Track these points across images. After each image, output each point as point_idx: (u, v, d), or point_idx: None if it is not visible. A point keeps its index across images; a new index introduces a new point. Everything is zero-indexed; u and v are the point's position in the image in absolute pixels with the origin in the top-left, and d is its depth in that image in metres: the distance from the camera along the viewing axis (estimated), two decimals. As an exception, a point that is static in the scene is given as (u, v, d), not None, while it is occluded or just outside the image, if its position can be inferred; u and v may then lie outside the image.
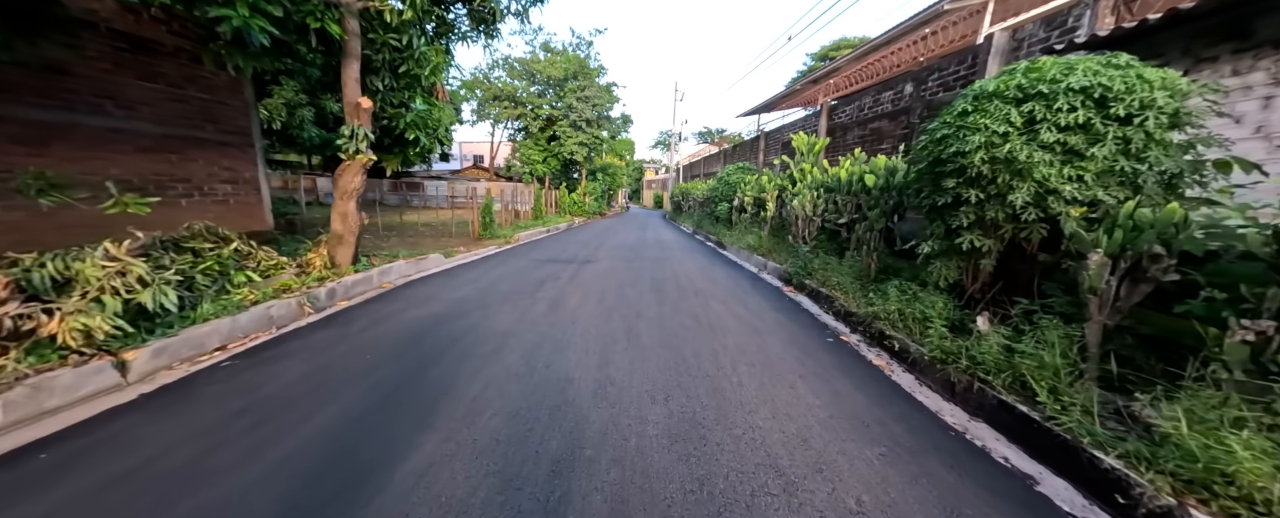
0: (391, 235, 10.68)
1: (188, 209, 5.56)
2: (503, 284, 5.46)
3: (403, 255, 6.38)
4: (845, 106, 8.71)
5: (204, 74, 5.67)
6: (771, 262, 7.11)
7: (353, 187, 4.92)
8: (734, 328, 3.95)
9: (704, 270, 7.02)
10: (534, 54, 25.69)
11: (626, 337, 3.61)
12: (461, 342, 3.38)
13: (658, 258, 8.29)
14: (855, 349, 3.58)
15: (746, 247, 8.58)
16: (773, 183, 8.57)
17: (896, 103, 6.97)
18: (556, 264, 7.17)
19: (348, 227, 4.98)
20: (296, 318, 3.90)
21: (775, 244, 7.83)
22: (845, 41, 27.36)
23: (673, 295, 5.14)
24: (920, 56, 8.02)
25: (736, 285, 5.91)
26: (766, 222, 8.37)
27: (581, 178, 25.10)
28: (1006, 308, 3.11)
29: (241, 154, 6.29)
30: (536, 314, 4.18)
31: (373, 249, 7.65)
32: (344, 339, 3.37)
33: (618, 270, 6.71)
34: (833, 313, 4.54)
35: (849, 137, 8.45)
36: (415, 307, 4.31)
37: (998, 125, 2.80)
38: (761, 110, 24.16)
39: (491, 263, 7.25)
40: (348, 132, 4.74)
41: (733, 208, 11.64)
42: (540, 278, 5.92)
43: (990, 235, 3.04)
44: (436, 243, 9.63)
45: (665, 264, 7.52)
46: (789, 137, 11.46)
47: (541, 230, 13.73)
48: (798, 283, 5.67)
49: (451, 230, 11.52)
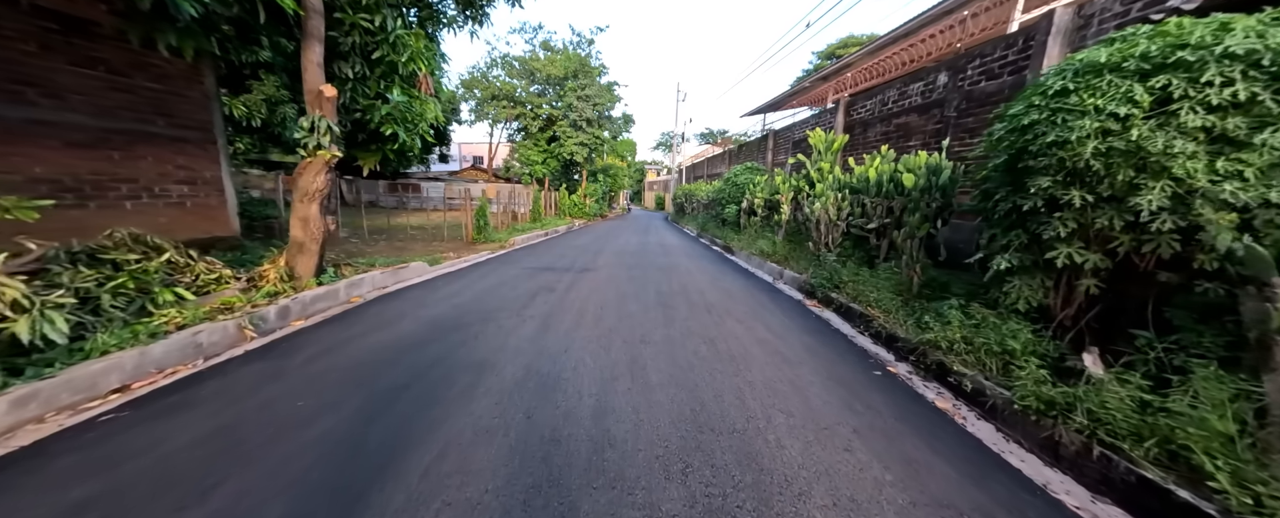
0: (379, 239, 10.06)
1: (134, 213, 4.93)
2: (489, 298, 4.81)
3: (379, 264, 5.73)
4: (865, 101, 8.05)
5: (154, 61, 5.04)
6: (788, 270, 6.44)
7: (314, 187, 4.28)
8: (759, 357, 3.29)
9: (714, 280, 6.36)
10: (533, 53, 25.11)
11: (630, 371, 2.95)
12: (425, 379, 2.72)
13: (663, 265, 7.63)
14: (909, 386, 2.92)
15: (758, 252, 7.91)
16: (787, 184, 7.91)
17: (927, 95, 6.31)
18: (552, 273, 6.52)
19: (309, 233, 4.34)
20: (233, 345, 3.25)
21: (792, 250, 7.17)
22: (852, 39, 26.72)
23: (682, 312, 4.48)
24: (958, 42, 7.36)
25: (752, 299, 5.25)
26: (781, 226, 7.71)
27: (582, 179, 24.47)
28: (1114, 341, 2.45)
29: (201, 151, 5.65)
30: (523, 338, 3.52)
31: (356, 255, 7.01)
32: (279, 377, 2.72)
33: (619, 280, 6.05)
34: (870, 335, 3.88)
35: (870, 133, 7.79)
36: (380, 329, 3.66)
37: (1116, 106, 2.14)
38: (767, 110, 23.55)
39: (481, 271, 6.60)
40: (307, 124, 4.10)
41: (741, 210, 10.98)
42: (532, 290, 5.27)
43: (1097, 248, 2.37)
44: (426, 248, 9.00)
45: (671, 272, 6.86)
46: (803, 134, 10.81)
47: (539, 234, 13.09)
48: (823, 296, 5.00)
49: (444, 234, 10.89)
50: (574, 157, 23.09)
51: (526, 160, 23.87)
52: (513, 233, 12.26)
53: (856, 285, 4.58)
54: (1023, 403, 2.28)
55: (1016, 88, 4.71)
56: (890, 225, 5.26)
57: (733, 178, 11.88)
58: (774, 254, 7.35)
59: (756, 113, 24.17)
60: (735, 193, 11.62)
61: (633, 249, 10.08)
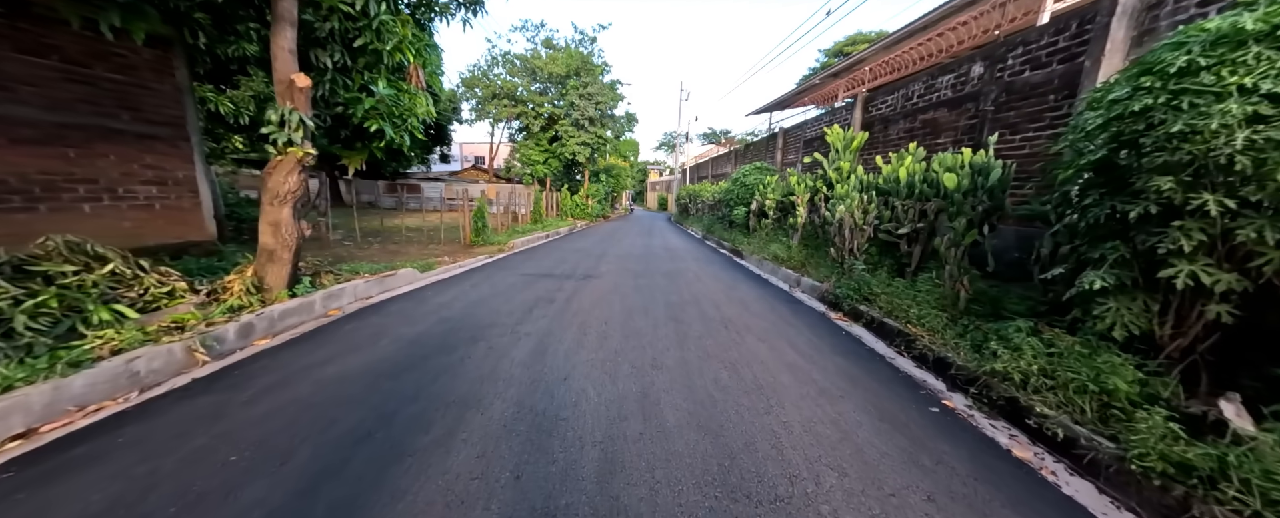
0: (372, 242, 9.63)
1: (93, 217, 4.50)
2: (480, 311, 4.35)
3: (365, 271, 5.28)
4: (885, 97, 7.56)
5: (117, 50, 4.60)
6: (806, 277, 5.96)
7: (285, 188, 3.83)
8: (790, 387, 2.82)
9: (727, 289, 5.88)
10: (535, 51, 24.70)
11: (641, 407, 2.48)
12: (395, 422, 2.26)
13: (670, 271, 7.16)
14: (974, 426, 2.44)
15: (771, 257, 7.43)
16: (803, 184, 7.43)
17: (958, 88, 5.82)
18: (552, 280, 6.06)
19: (281, 239, 3.88)
20: (180, 371, 2.80)
21: (809, 256, 6.68)
22: (861, 36, 26.20)
23: (696, 328, 4.01)
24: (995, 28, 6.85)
25: (771, 311, 4.77)
26: (796, 229, 7.23)
27: (584, 179, 24.03)
28: (1235, 378, 1.97)
29: (172, 149, 5.22)
30: (516, 363, 3.06)
31: (345, 259, 6.57)
32: (219, 416, 2.26)
33: (624, 289, 5.58)
34: (912, 357, 3.39)
35: (891, 131, 7.30)
36: (353, 351, 3.20)
37: (1274, 85, 1.66)
38: (773, 108, 23.06)
39: (475, 278, 6.14)
40: (276, 116, 3.64)
41: (751, 212, 10.51)
42: (529, 301, 4.81)
43: (1232, 266, 1.89)
44: (421, 251, 8.56)
45: (680, 279, 6.38)
46: (816, 132, 10.33)
47: (540, 235, 12.65)
48: (850, 309, 4.52)
49: (441, 236, 10.46)
50: (576, 156, 22.65)
51: (527, 160, 23.45)
52: (512, 235, 11.82)
53: (891, 298, 4.10)
54: (1143, 463, 1.79)
55: (1070, 78, 4.22)
56: (923, 231, 4.78)
57: (741, 178, 11.41)
58: (789, 260, 6.87)
59: (762, 111, 23.69)
60: (744, 194, 11.14)
61: (637, 253, 9.62)
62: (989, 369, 2.64)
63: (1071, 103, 4.19)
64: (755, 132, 31.51)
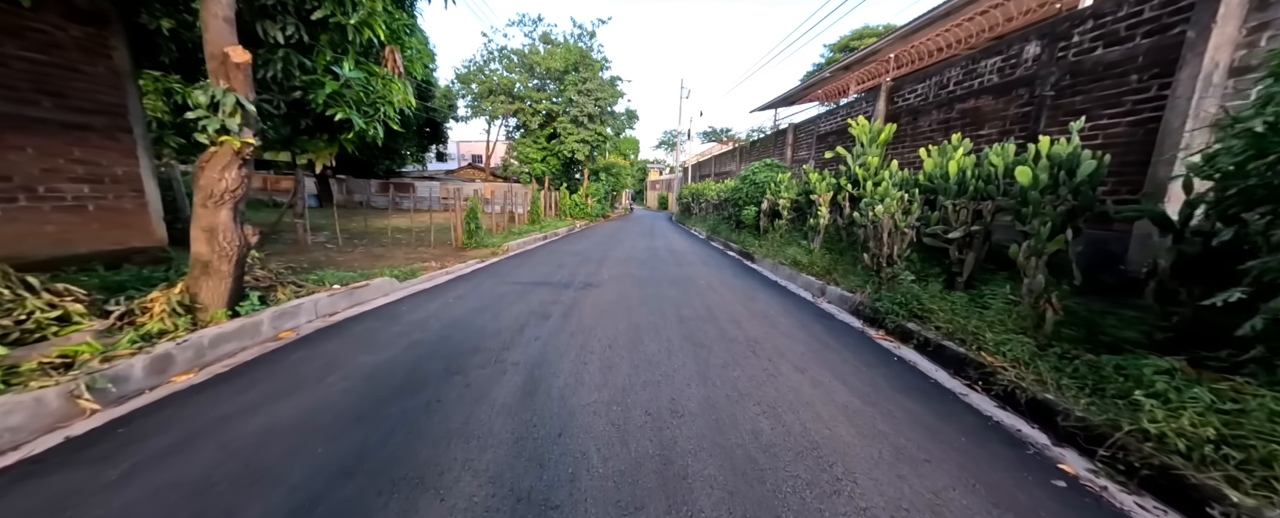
0: (358, 244, 8.97)
1: (5, 222, 3.82)
2: (462, 332, 3.67)
3: (332, 282, 4.60)
4: (914, 85, 6.89)
5: (35, 25, 3.92)
6: (832, 286, 5.30)
7: (222, 187, 3.15)
8: (855, 445, 2.15)
9: (745, 299, 5.21)
10: (532, 46, 24.00)
11: (662, 486, 1.81)
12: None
13: (678, 277, 6.49)
14: (1123, 512, 1.77)
15: (789, 262, 6.76)
16: (824, 182, 6.76)
17: (1007, 72, 5.16)
18: (547, 289, 5.38)
19: (218, 248, 3.21)
20: (53, 427, 2.12)
21: (834, 262, 6.02)
22: (868, 30, 25.51)
23: (718, 353, 3.34)
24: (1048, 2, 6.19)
25: (801, 328, 4.10)
26: (817, 231, 6.56)
27: (583, 178, 23.35)
28: None
29: (109, 142, 4.54)
30: (496, 410, 2.39)
31: (321, 265, 5.90)
32: (60, 511, 1.59)
33: (629, 301, 4.91)
34: (991, 394, 2.73)
35: (922, 122, 6.63)
36: (290, 393, 2.52)
37: None
38: (779, 104, 22.37)
39: (463, 288, 5.47)
40: (206, 98, 2.97)
41: (761, 212, 9.84)
42: (520, 318, 4.14)
43: None
44: (408, 255, 7.89)
45: (690, 288, 5.71)
46: (831, 126, 9.66)
47: (537, 237, 11.98)
48: (895, 327, 3.85)
49: (431, 239, 9.78)
50: (575, 155, 21.96)
51: (525, 159, 22.77)
52: (508, 237, 11.14)
53: (952, 317, 3.43)
54: None
55: (1161, 53, 3.56)
56: (978, 235, 4.11)
57: (750, 176, 10.74)
58: (810, 266, 6.20)
59: (767, 107, 23.00)
60: (754, 193, 10.47)
61: (641, 256, 8.95)
62: (1127, 426, 1.97)
63: (1163, 83, 3.52)
64: (761, 128, 30.85)
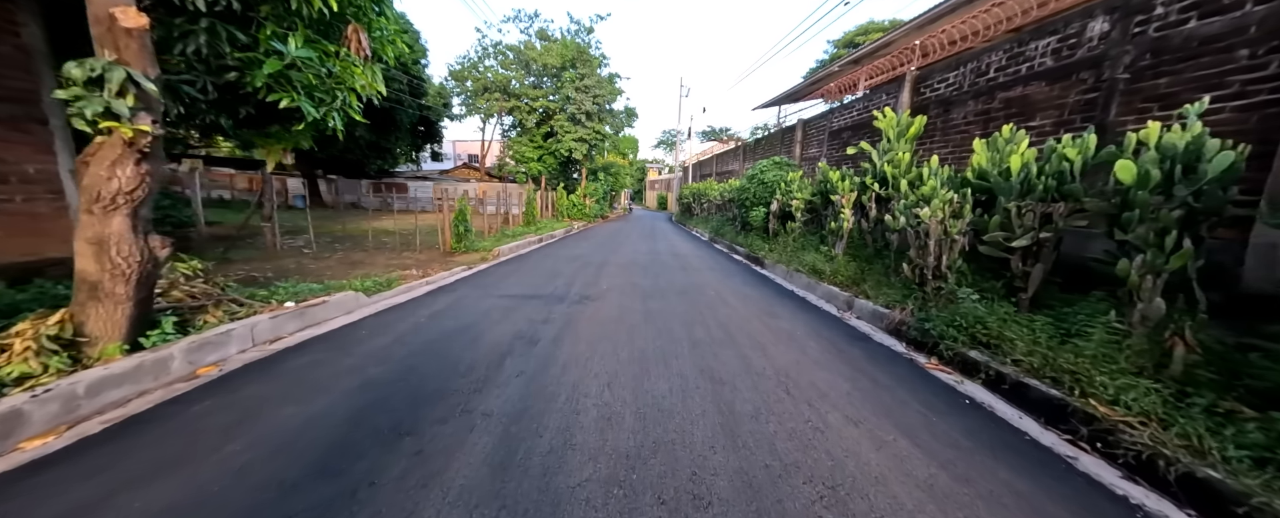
0: (336, 249, 8.31)
1: None
2: (426, 367, 2.99)
3: (283, 297, 3.91)
4: (944, 74, 6.23)
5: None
6: (862, 299, 4.64)
7: (112, 188, 2.46)
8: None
9: (765, 316, 4.54)
10: (528, 42, 23.31)
11: None
12: None
13: (684, 286, 5.82)
14: None
15: (806, 269, 6.10)
16: (847, 181, 6.09)
17: (1064, 54, 4.50)
18: (538, 304, 4.71)
19: (110, 266, 2.52)
20: None
21: (862, 271, 5.35)
22: (874, 25, 24.86)
23: (746, 396, 2.67)
24: None
25: (837, 355, 3.43)
26: (840, 236, 5.89)
27: (581, 178, 22.67)
28: None
29: (16, 135, 3.84)
30: (449, 503, 1.71)
31: (287, 274, 5.23)
32: None
33: (632, 318, 4.24)
34: (1117, 463, 2.06)
35: (955, 114, 5.97)
36: (167, 472, 1.84)
37: None
38: (783, 101, 21.69)
39: (440, 302, 4.79)
40: (81, 73, 2.28)
41: (770, 214, 9.18)
42: (502, 343, 3.46)
43: None
44: (389, 261, 7.22)
45: (700, 300, 5.04)
46: (850, 120, 8.98)
47: (532, 239, 11.30)
48: (954, 356, 3.19)
49: (417, 243, 9.09)
50: (572, 154, 21.27)
51: (521, 158, 22.07)
52: (501, 240, 10.47)
53: (1037, 349, 2.76)
54: None
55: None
56: (1048, 244, 3.44)
57: (758, 174, 10.06)
58: (833, 275, 5.53)
59: (771, 104, 22.31)
60: (762, 192, 9.80)
61: (643, 261, 8.27)
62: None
63: (1288, 57, 2.86)
64: (764, 125, 30.19)
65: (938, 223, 3.81)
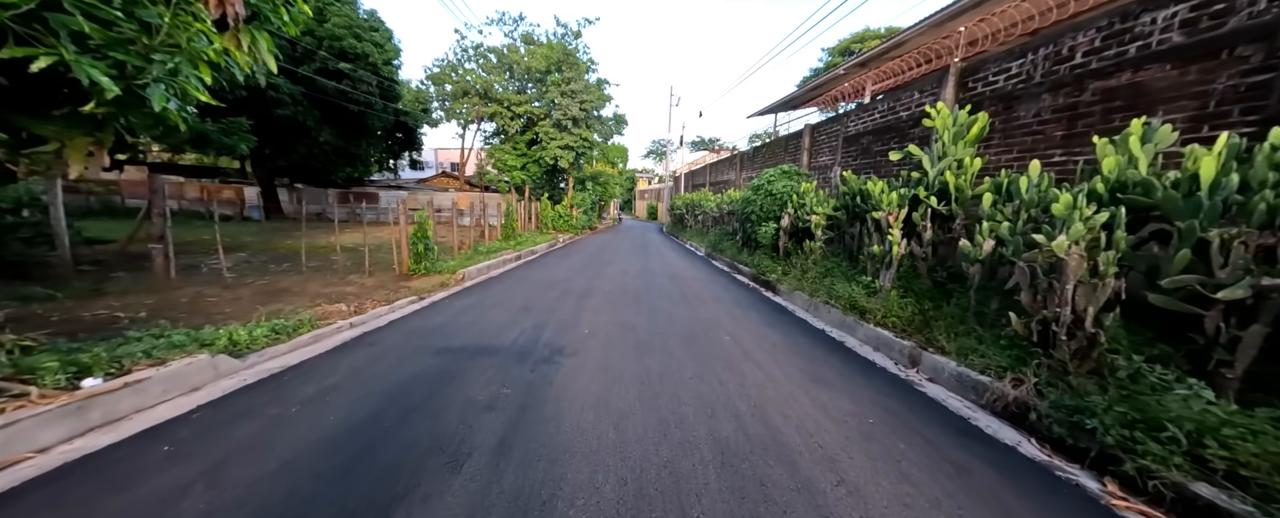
0: (267, 272, 6.84)
1: None
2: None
3: (69, 373, 2.48)
4: (1006, 63, 5.08)
5: None
6: (934, 354, 3.38)
7: None
8: None
9: (808, 382, 3.22)
10: (512, 45, 22.09)
11: None
12: None
13: (691, 331, 4.48)
14: None
15: (841, 304, 4.83)
16: (889, 195, 4.85)
17: (1207, 25, 3.33)
18: (488, 366, 3.34)
19: None
20: None
21: (923, 311, 4.08)
22: (870, 33, 24.19)
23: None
24: None
25: (957, 479, 2.12)
26: (887, 263, 4.63)
27: (568, 187, 21.35)
28: None
29: None
30: None
31: (179, 308, 3.83)
32: None
33: (623, 396, 2.89)
34: None
35: (1021, 113, 4.81)
36: None
37: None
38: (779, 109, 20.73)
39: (345, 363, 3.40)
40: None
41: (781, 229, 7.94)
42: (407, 463, 2.10)
43: None
44: (324, 289, 5.81)
45: (714, 354, 3.71)
46: (870, 124, 7.82)
47: (509, 257, 9.91)
48: (1159, 486, 1.90)
49: (365, 264, 7.63)
50: (558, 161, 19.95)
51: (503, 166, 20.68)
52: (471, 258, 9.07)
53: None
54: None
55: None
56: (1273, 297, 2.19)
57: (765, 185, 8.85)
58: (885, 316, 4.25)
59: (767, 112, 21.36)
60: (770, 205, 8.57)
61: (635, 285, 6.94)
62: None
63: None
64: (759, 134, 29.28)
65: (1079, 257, 2.55)
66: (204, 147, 9.88)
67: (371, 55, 16.42)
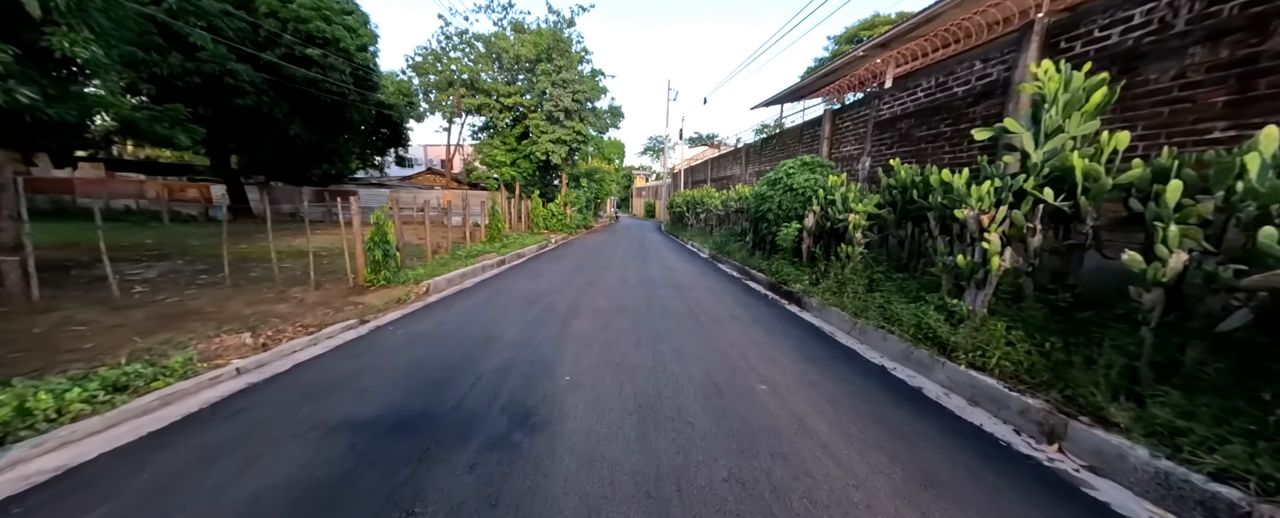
0: (195, 283, 5.52)
1: None
2: None
3: None
4: (1128, 9, 3.84)
5: None
6: (1088, 426, 2.14)
7: None
8: None
9: (902, 470, 1.98)
10: (500, 33, 20.75)
11: None
12: None
13: (709, 372, 3.23)
14: None
15: (907, 335, 3.60)
16: (979, 187, 3.60)
17: None
18: (409, 453, 2.09)
19: None
20: None
21: (1044, 349, 2.84)
22: (880, 19, 22.94)
23: None
24: None
25: None
26: (983, 283, 3.38)
27: (562, 184, 20.04)
28: None
29: None
30: None
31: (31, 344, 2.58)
32: None
33: (619, 510, 1.65)
34: None
35: (1151, 74, 3.59)
36: None
37: None
38: (785, 99, 19.37)
39: (176, 458, 2.15)
40: None
41: (805, 231, 6.71)
42: None
43: None
44: (251, 308, 4.57)
45: (746, 411, 2.47)
46: (923, 102, 6.57)
47: (491, 261, 8.62)
48: None
49: (312, 274, 6.34)
50: (550, 157, 18.65)
51: (491, 161, 19.37)
52: (445, 264, 7.78)
53: None
54: None
55: None
56: None
57: (784, 178, 7.60)
58: (983, 356, 3.02)
59: (772, 103, 20.04)
60: (791, 203, 7.33)
61: (633, 301, 5.69)
62: None
63: None
64: (764, 125, 28.00)
65: None
66: (137, 136, 8.57)
67: (343, 40, 15.04)
